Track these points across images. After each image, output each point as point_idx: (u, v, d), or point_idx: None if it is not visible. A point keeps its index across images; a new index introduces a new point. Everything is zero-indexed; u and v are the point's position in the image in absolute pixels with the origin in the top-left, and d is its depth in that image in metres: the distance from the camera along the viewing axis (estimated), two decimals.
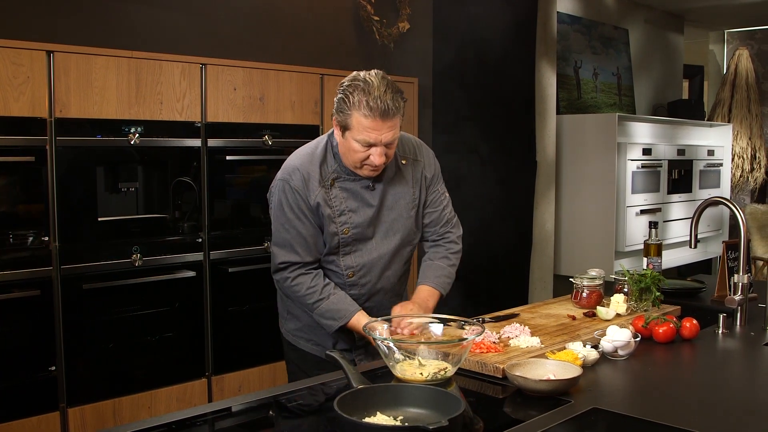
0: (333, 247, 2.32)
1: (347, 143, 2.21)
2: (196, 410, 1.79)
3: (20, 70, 2.88)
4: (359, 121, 2.15)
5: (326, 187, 2.29)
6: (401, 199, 2.39)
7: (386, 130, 2.17)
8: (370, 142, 2.17)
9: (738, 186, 7.15)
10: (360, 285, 2.36)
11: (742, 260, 2.57)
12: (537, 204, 4.97)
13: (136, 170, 3.35)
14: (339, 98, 2.21)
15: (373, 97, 2.13)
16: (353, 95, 2.15)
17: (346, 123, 2.18)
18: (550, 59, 4.94)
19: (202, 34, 3.79)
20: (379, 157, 2.19)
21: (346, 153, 2.25)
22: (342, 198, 2.30)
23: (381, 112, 2.13)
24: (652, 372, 2.07)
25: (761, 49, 7.35)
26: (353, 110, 2.15)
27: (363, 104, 2.13)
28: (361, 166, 2.24)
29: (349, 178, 2.31)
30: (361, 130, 2.15)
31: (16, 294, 2.91)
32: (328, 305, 2.27)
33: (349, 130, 2.18)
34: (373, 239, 2.36)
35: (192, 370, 3.45)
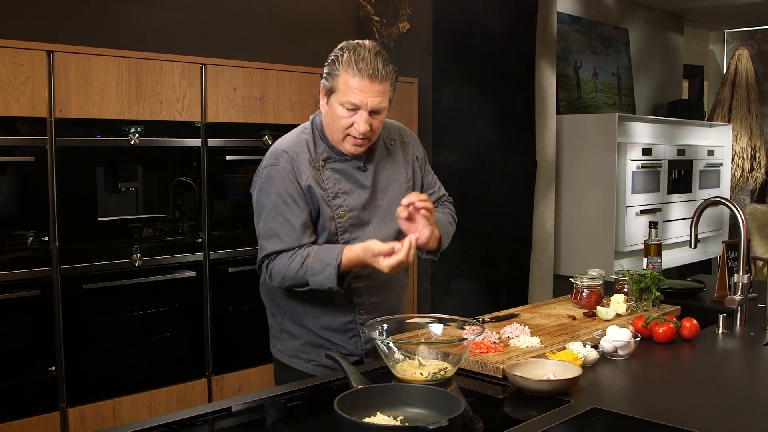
0: (331, 234, 2.20)
1: (332, 109, 2.13)
2: (196, 410, 1.79)
3: (20, 70, 2.88)
4: (346, 81, 2.08)
5: (317, 168, 2.19)
6: (394, 182, 2.30)
7: (373, 94, 2.09)
8: (355, 104, 2.08)
9: (738, 186, 7.15)
10: (364, 276, 2.24)
11: (742, 260, 2.57)
12: (537, 204, 4.97)
13: (136, 170, 3.35)
14: (328, 62, 2.14)
15: (363, 58, 2.07)
16: (342, 55, 2.10)
17: (332, 85, 2.11)
18: (550, 59, 4.94)
19: (202, 34, 3.79)
20: (364, 123, 2.10)
21: (330, 124, 2.16)
22: (334, 179, 2.20)
23: (369, 73, 2.07)
24: (652, 372, 2.07)
25: (761, 49, 7.35)
26: (341, 70, 2.09)
27: (352, 63, 2.07)
28: (344, 138, 2.15)
29: (339, 159, 2.22)
30: (347, 92, 2.08)
31: (15, 294, 2.91)
32: (315, 256, 2.10)
33: (335, 92, 2.11)
34: (371, 225, 2.25)
35: (192, 370, 3.45)
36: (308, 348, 2.29)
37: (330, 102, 2.14)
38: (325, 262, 2.08)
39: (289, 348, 2.33)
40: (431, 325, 2.10)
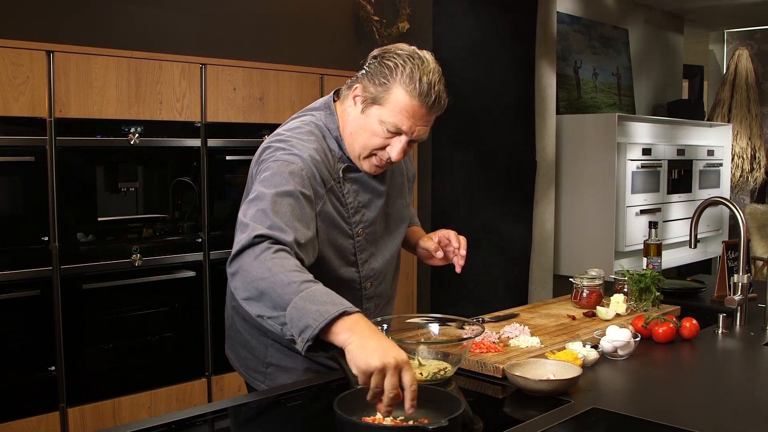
0: (347, 254, 1.91)
1: (367, 122, 1.80)
2: (195, 410, 1.79)
3: (20, 70, 2.88)
4: (398, 99, 1.74)
5: (338, 181, 1.86)
6: (403, 188, 2.08)
7: (422, 123, 1.79)
8: (399, 129, 1.77)
9: (738, 186, 7.15)
10: (377, 296, 2.03)
11: (742, 260, 2.57)
12: (537, 204, 4.97)
13: (135, 170, 3.35)
14: (378, 63, 1.79)
15: (427, 78, 1.74)
16: (404, 66, 1.74)
17: (378, 96, 1.77)
18: (550, 59, 4.94)
19: (202, 34, 3.79)
20: (399, 153, 1.80)
21: (357, 133, 1.83)
22: (353, 192, 1.89)
23: (430, 98, 1.75)
24: (651, 372, 2.07)
25: (761, 49, 7.35)
26: (396, 83, 1.74)
27: (414, 82, 1.73)
28: (368, 156, 1.84)
29: (354, 166, 1.89)
30: (397, 111, 1.75)
31: (15, 294, 2.91)
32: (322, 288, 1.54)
33: (378, 105, 1.77)
34: (382, 238, 2.00)
35: (192, 370, 3.45)
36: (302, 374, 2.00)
37: (368, 112, 1.80)
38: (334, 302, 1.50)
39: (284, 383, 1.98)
40: (431, 325, 2.10)
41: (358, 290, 1.98)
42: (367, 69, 1.83)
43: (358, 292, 1.98)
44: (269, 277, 1.53)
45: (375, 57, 1.83)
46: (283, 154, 1.80)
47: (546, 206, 4.97)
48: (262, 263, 1.55)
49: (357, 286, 1.97)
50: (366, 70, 1.83)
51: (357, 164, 1.88)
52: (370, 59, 1.84)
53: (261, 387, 2.02)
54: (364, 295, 1.99)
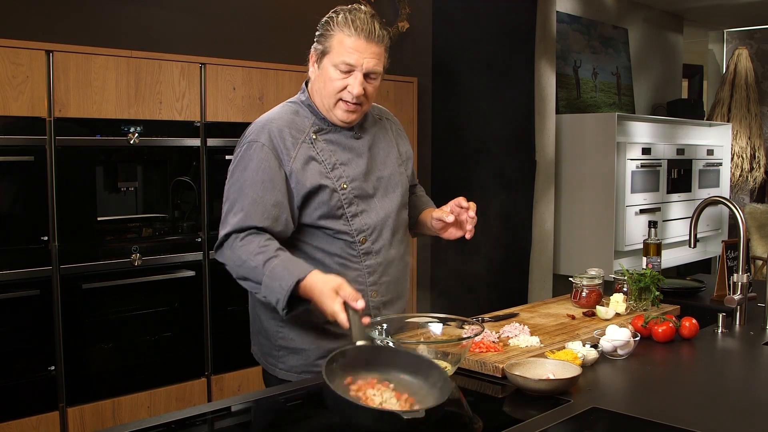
0: (335, 208, 2.07)
1: (324, 72, 2.05)
2: (195, 410, 1.79)
3: (19, 70, 2.88)
4: (341, 41, 2.01)
5: (308, 141, 2.07)
6: (390, 154, 2.22)
7: (369, 55, 2.02)
8: (350, 64, 2.01)
9: (737, 185, 7.15)
10: (375, 252, 2.12)
11: (742, 260, 2.57)
12: (536, 203, 4.97)
13: (135, 170, 3.35)
14: (321, 24, 2.08)
15: (359, 18, 2.02)
16: (338, 16, 2.04)
17: (325, 47, 2.04)
18: (550, 59, 4.94)
19: (202, 33, 3.79)
20: (358, 85, 2.02)
21: (321, 89, 2.07)
22: (329, 151, 2.09)
23: (366, 33, 2.01)
24: (651, 371, 2.07)
25: (761, 49, 7.35)
26: (336, 30, 2.02)
27: (348, 23, 2.01)
28: (336, 102, 2.06)
29: (331, 129, 2.11)
30: (342, 52, 2.01)
31: (15, 294, 2.91)
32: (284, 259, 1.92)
33: (328, 53, 2.04)
34: (375, 197, 2.14)
35: (191, 369, 3.45)
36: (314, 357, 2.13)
37: (322, 65, 2.06)
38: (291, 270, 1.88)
39: (295, 366, 2.14)
40: (431, 324, 2.10)
41: (352, 243, 2.10)
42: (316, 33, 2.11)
43: (353, 245, 2.11)
44: (242, 264, 1.95)
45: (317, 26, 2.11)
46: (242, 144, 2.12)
47: (546, 206, 4.97)
48: (235, 252, 1.97)
49: (350, 239, 2.10)
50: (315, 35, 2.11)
51: (331, 118, 2.10)
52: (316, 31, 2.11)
53: (275, 371, 2.16)
54: (362, 250, 2.12)
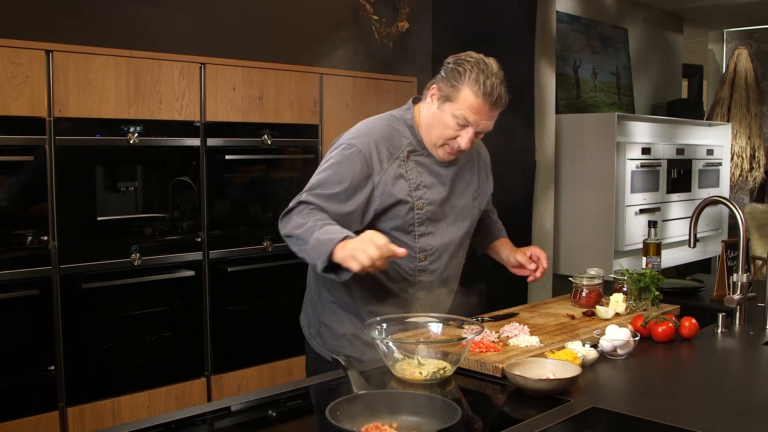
0: (407, 224, 2.21)
1: (441, 115, 2.16)
2: (195, 410, 1.79)
3: (19, 70, 2.88)
4: (466, 97, 2.12)
5: (401, 159, 2.21)
6: (470, 186, 2.39)
7: (486, 118, 2.16)
8: (467, 121, 2.13)
9: (737, 185, 7.15)
10: (430, 271, 2.28)
11: (741, 259, 2.57)
12: (536, 203, 4.97)
13: (135, 170, 3.35)
14: (451, 68, 2.16)
15: (490, 81, 2.12)
16: (471, 70, 2.13)
17: (450, 94, 2.14)
18: (549, 58, 4.94)
19: (202, 33, 3.79)
20: (468, 142, 2.16)
21: (433, 125, 2.19)
22: (417, 172, 2.22)
23: (493, 99, 2.12)
24: (651, 371, 2.07)
25: (760, 49, 7.35)
26: (465, 84, 2.12)
27: (479, 83, 2.11)
28: (442, 145, 2.20)
29: (423, 153, 2.25)
30: (465, 107, 2.12)
31: (14, 293, 2.91)
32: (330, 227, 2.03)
33: (450, 102, 2.14)
34: (444, 222, 2.28)
35: (191, 369, 3.45)
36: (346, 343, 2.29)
37: (442, 108, 2.16)
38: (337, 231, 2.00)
39: (328, 344, 2.32)
40: (430, 324, 2.10)
41: (413, 258, 2.24)
42: (442, 73, 2.20)
43: (413, 260, 2.25)
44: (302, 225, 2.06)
45: (448, 63, 2.20)
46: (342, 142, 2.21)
47: (545, 205, 4.97)
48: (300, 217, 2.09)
49: (413, 254, 2.24)
50: (441, 75, 2.20)
51: (432, 152, 2.23)
52: (445, 65, 2.21)
53: (313, 344, 2.34)
54: (419, 267, 2.26)
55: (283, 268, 3.71)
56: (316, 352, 2.36)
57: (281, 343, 3.75)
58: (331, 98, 3.90)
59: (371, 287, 2.25)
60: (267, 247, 3.65)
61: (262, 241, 3.65)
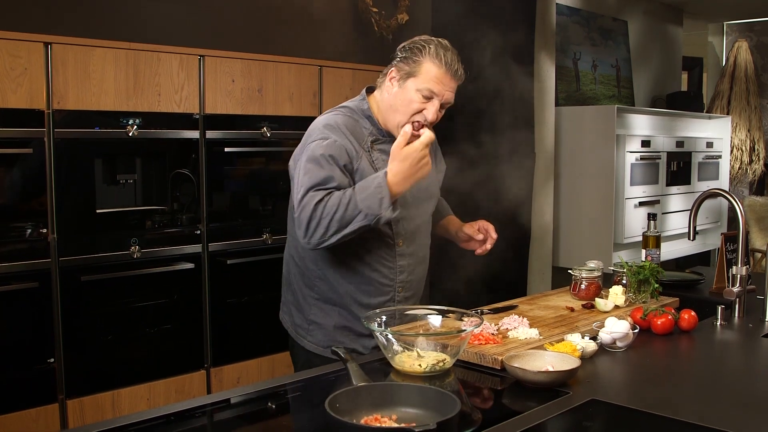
0: None
1: (404, 93, 2.23)
2: (194, 402, 1.79)
3: (18, 62, 2.87)
4: (429, 70, 2.20)
5: (366, 150, 2.27)
6: None
7: (450, 89, 2.24)
8: (433, 92, 2.21)
9: (737, 178, 7.15)
10: (408, 254, 2.35)
11: (741, 252, 2.57)
12: (536, 196, 4.97)
13: (134, 162, 3.35)
14: (409, 47, 2.25)
15: (449, 54, 2.23)
16: (429, 46, 2.23)
17: (412, 70, 2.22)
18: (549, 51, 4.94)
19: (201, 25, 3.78)
20: (434, 113, 2.23)
21: (396, 105, 2.25)
22: (383, 160, 2.26)
23: (453, 69, 2.23)
24: (650, 363, 2.08)
25: (760, 41, 7.34)
26: (426, 58, 2.21)
27: (439, 56, 2.21)
28: (407, 122, 2.23)
29: (385, 140, 2.31)
30: (429, 79, 2.20)
31: (14, 286, 2.91)
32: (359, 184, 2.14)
33: (413, 77, 2.22)
34: (413, 205, 2.34)
35: (191, 361, 3.46)
36: (339, 332, 2.35)
37: (405, 85, 2.24)
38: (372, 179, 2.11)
39: (320, 340, 2.36)
40: (430, 316, 2.11)
41: (392, 246, 2.32)
42: (399, 57, 2.28)
43: (393, 248, 2.32)
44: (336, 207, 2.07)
45: (403, 47, 2.29)
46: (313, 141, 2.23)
47: (545, 198, 4.97)
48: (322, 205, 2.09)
49: (390, 240, 2.31)
50: (398, 58, 2.27)
51: (397, 134, 2.22)
52: (399, 50, 2.30)
53: (304, 342, 2.39)
54: (398, 252, 2.33)
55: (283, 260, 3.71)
56: (308, 350, 2.39)
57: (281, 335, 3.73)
58: (330, 91, 3.90)
59: (356, 280, 2.30)
60: (266, 240, 3.65)
61: (262, 233, 3.65)
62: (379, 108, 2.32)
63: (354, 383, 1.68)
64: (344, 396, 1.53)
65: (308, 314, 2.39)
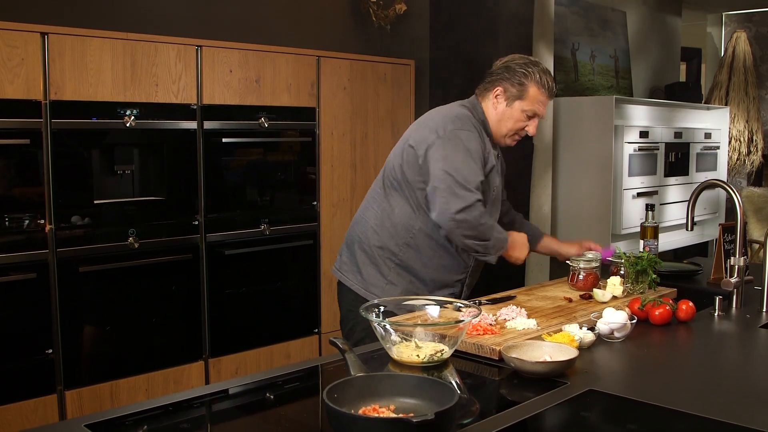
0: None
1: (512, 112, 2.58)
2: (193, 392, 1.79)
3: (15, 52, 2.86)
4: (534, 95, 2.56)
5: (494, 149, 2.63)
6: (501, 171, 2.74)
7: (546, 107, 2.62)
8: (536, 113, 2.58)
9: (735, 169, 7.15)
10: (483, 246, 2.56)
11: (739, 243, 2.57)
12: (534, 187, 4.97)
13: (131, 153, 3.34)
14: (515, 71, 2.57)
15: (549, 77, 2.59)
16: (535, 72, 2.57)
17: (520, 94, 2.56)
18: (547, 41, 4.92)
19: (198, 15, 3.77)
20: (535, 128, 2.62)
21: (503, 121, 2.60)
22: (491, 164, 2.59)
23: (552, 91, 2.61)
24: (648, 354, 2.08)
25: (759, 32, 7.32)
26: (532, 84, 2.56)
27: (543, 82, 2.56)
28: (512, 135, 2.62)
29: (494, 146, 2.65)
30: (534, 102, 2.56)
31: (12, 277, 2.91)
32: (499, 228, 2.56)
33: (521, 99, 2.56)
34: (494, 205, 2.65)
35: (189, 352, 3.46)
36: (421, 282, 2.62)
37: (512, 106, 2.58)
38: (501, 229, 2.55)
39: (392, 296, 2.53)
40: (428, 307, 2.11)
41: None
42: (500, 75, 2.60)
43: None
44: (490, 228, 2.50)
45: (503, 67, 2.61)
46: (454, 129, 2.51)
47: (543, 189, 4.97)
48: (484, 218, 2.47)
49: None
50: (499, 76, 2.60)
51: (500, 142, 2.66)
52: (500, 69, 2.62)
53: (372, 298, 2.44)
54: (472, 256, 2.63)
55: (280, 251, 3.72)
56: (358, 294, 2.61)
57: (279, 325, 3.76)
58: (328, 81, 3.89)
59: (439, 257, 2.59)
60: (264, 230, 3.65)
61: (260, 224, 3.64)
62: (488, 116, 2.62)
63: (352, 373, 1.68)
64: (342, 386, 1.53)
65: (388, 274, 2.59)
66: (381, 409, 1.51)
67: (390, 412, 1.50)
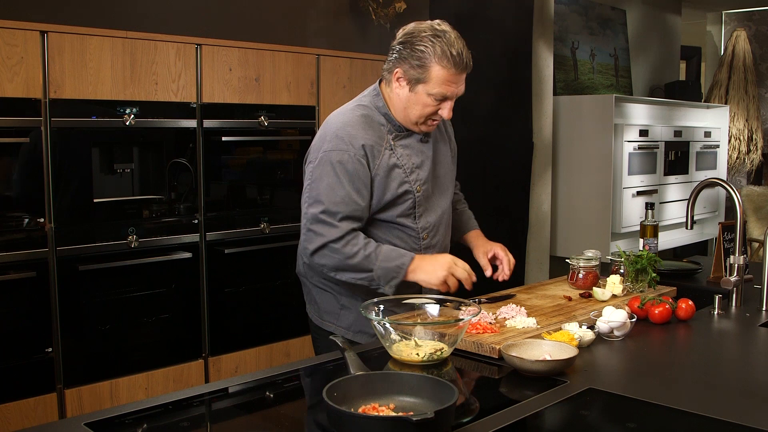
0: (407, 209, 2.27)
1: (416, 97, 2.18)
2: (192, 391, 1.79)
3: (14, 51, 2.86)
4: (438, 74, 2.13)
5: (389, 148, 2.23)
6: (446, 153, 2.43)
7: (460, 83, 2.19)
8: (446, 95, 2.17)
9: (734, 168, 7.15)
10: (432, 246, 2.36)
11: (738, 242, 2.58)
12: (534, 185, 4.97)
13: (131, 151, 3.34)
14: (412, 48, 2.14)
15: (455, 49, 2.12)
16: (434, 46, 2.11)
17: (421, 77, 2.15)
18: (547, 40, 4.92)
19: (198, 14, 3.76)
20: (449, 111, 2.21)
21: (410, 107, 2.21)
22: (406, 155, 2.25)
23: (462, 65, 2.14)
24: (647, 353, 2.08)
25: (759, 31, 7.32)
26: (433, 62, 2.12)
27: (446, 56, 2.11)
28: (424, 122, 2.23)
29: (402, 134, 2.28)
30: (440, 83, 2.14)
31: (11, 276, 2.91)
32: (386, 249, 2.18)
33: (423, 83, 2.15)
34: (434, 196, 2.34)
35: (189, 351, 3.46)
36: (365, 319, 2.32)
37: (415, 90, 2.17)
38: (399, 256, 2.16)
39: (352, 324, 2.34)
40: (428, 305, 2.11)
41: (416, 238, 2.32)
42: (399, 53, 2.18)
43: (417, 240, 2.32)
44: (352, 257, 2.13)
45: (402, 43, 2.18)
46: (329, 151, 2.19)
47: (543, 187, 4.97)
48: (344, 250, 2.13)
49: (415, 234, 2.31)
50: (398, 55, 2.19)
51: (413, 128, 2.26)
52: (398, 45, 2.19)
53: (332, 328, 2.35)
54: (422, 245, 2.33)
55: (280, 249, 3.71)
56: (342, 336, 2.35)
57: (279, 324, 3.76)
58: (328, 80, 3.89)
59: None
60: (264, 229, 3.65)
61: (259, 222, 3.64)
62: (393, 103, 2.26)
63: (352, 372, 1.68)
64: (342, 385, 1.53)
65: (339, 299, 2.35)
66: (381, 408, 1.51)
67: (390, 411, 1.50)
